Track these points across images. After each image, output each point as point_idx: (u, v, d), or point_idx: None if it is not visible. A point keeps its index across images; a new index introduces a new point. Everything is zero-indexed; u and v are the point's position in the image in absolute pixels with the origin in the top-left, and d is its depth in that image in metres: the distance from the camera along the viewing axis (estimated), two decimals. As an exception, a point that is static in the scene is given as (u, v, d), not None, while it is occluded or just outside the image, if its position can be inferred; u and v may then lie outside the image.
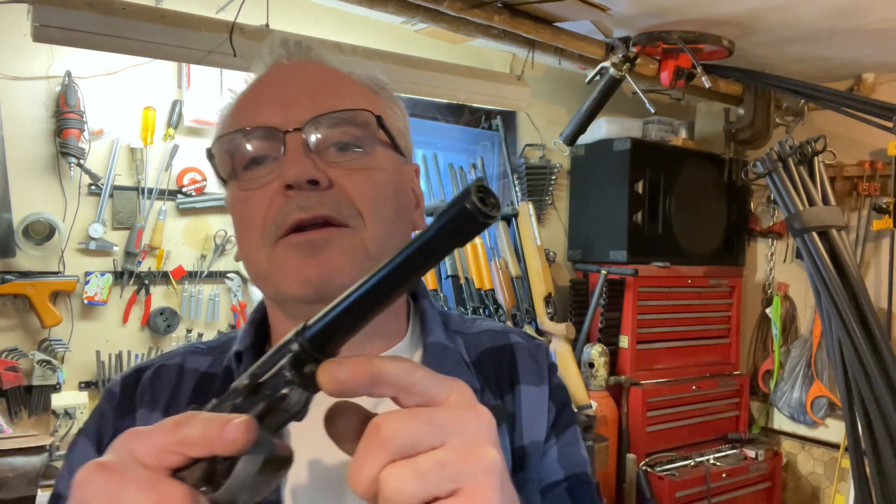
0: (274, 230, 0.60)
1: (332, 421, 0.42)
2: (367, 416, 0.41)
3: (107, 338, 2.16)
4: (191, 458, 0.40)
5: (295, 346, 0.41)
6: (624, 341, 3.01)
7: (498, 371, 0.71)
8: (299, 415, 0.42)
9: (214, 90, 2.27)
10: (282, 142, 0.60)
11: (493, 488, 0.39)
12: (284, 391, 0.40)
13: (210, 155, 0.65)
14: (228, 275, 2.35)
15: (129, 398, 0.68)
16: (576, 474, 0.70)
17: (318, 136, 0.61)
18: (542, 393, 0.72)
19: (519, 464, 0.68)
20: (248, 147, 0.62)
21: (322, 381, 0.39)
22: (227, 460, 0.40)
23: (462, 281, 2.71)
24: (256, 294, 2.39)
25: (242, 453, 0.39)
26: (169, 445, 0.40)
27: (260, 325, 0.71)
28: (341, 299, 0.40)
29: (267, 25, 2.10)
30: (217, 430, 0.39)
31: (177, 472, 0.40)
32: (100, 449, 0.66)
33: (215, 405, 0.43)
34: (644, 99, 2.66)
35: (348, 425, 0.41)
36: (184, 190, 2.26)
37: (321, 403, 0.42)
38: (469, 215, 0.37)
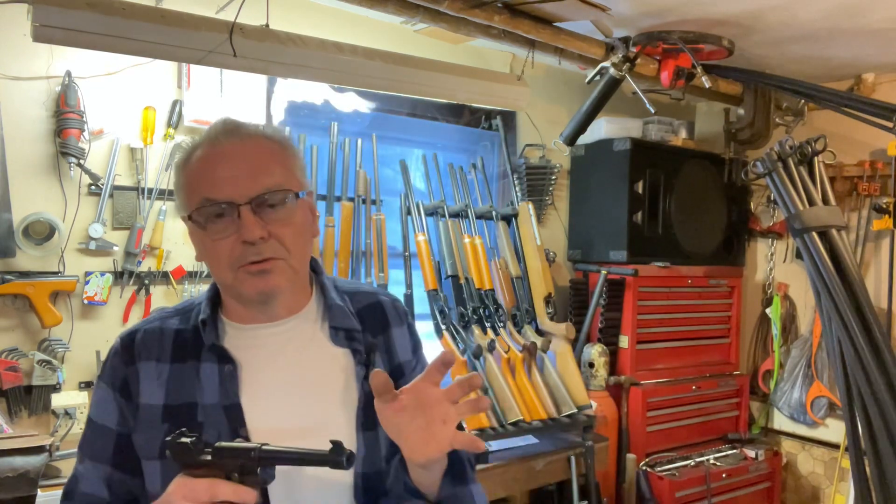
0: (236, 263, 0.97)
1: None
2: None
3: (107, 338, 2.15)
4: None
5: (254, 456, 0.86)
6: (624, 341, 3.01)
7: (373, 319, 1.11)
8: (265, 484, 0.90)
9: (214, 90, 2.27)
10: (237, 210, 0.95)
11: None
12: (265, 479, 0.89)
13: (190, 216, 0.99)
14: (228, 275, 2.35)
15: (129, 353, 1.04)
16: None
17: (259, 204, 0.97)
18: (404, 330, 1.14)
19: (398, 374, 1.08)
20: (215, 212, 0.97)
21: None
22: None
23: (462, 281, 2.70)
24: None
25: None
26: (213, 498, 0.85)
27: (214, 301, 1.07)
28: (267, 453, 0.87)
29: (267, 25, 2.10)
30: (241, 495, 0.85)
31: None
32: (114, 387, 1.03)
33: (215, 472, 0.87)
34: (644, 99, 2.66)
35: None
36: (184, 190, 2.26)
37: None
38: (334, 465, 0.85)
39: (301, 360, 1.05)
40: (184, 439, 0.88)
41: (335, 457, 0.85)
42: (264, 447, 0.87)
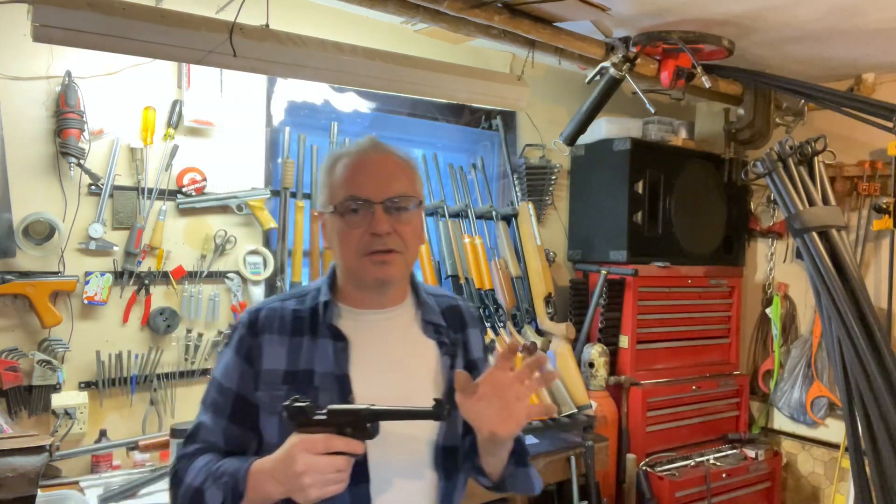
0: (363, 250, 1.18)
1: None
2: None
3: (107, 338, 2.16)
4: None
5: (365, 414, 1.05)
6: (624, 341, 3.01)
7: (453, 318, 1.33)
8: (371, 437, 1.06)
9: (214, 90, 2.27)
10: (373, 207, 1.17)
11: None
12: (373, 433, 1.06)
13: (335, 207, 1.20)
14: (228, 275, 2.35)
15: (255, 327, 1.22)
16: None
17: (389, 206, 1.19)
18: (478, 332, 1.38)
19: (472, 368, 1.30)
20: (354, 206, 1.18)
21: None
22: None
23: (462, 281, 2.70)
24: (257, 294, 2.39)
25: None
26: (329, 449, 1.04)
27: (332, 285, 1.27)
28: (377, 411, 1.06)
29: (267, 25, 2.10)
30: (352, 447, 1.04)
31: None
32: (240, 354, 1.21)
33: (328, 429, 1.05)
34: (644, 99, 2.66)
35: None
36: (184, 190, 2.26)
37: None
38: (437, 417, 1.06)
39: (400, 344, 1.26)
40: (299, 403, 1.06)
41: (438, 410, 1.04)
42: (373, 407, 1.05)
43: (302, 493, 1.03)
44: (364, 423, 1.04)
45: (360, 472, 1.11)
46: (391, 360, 1.23)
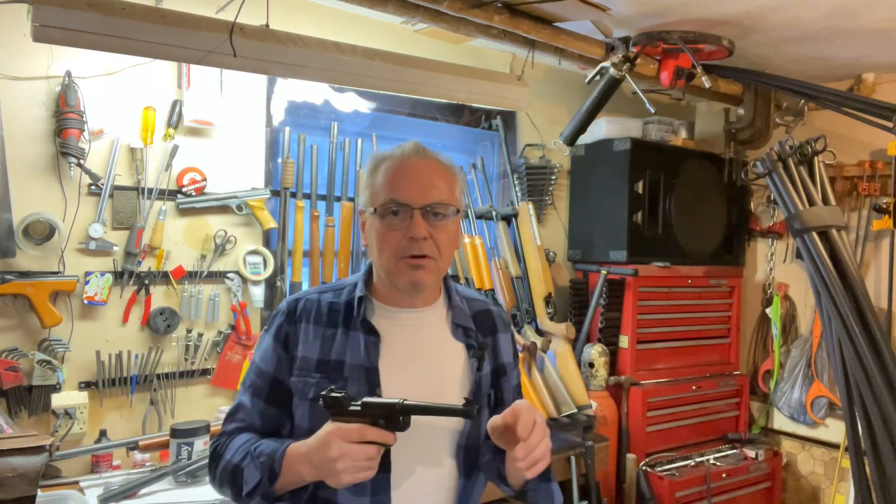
0: (400, 253, 1.22)
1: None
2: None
3: (107, 338, 2.16)
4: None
5: (398, 408, 1.09)
6: (624, 341, 3.01)
7: (484, 323, 1.37)
8: (403, 430, 1.11)
9: (214, 90, 2.27)
10: (412, 212, 1.22)
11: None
12: (401, 425, 1.10)
13: (375, 209, 1.25)
14: (228, 275, 2.35)
15: (293, 315, 1.29)
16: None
17: (428, 212, 1.23)
18: (508, 337, 1.42)
19: (501, 373, 1.37)
20: (394, 209, 1.23)
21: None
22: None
23: (462, 281, 2.70)
24: (256, 294, 2.39)
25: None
26: (362, 438, 1.08)
27: (367, 281, 1.32)
28: (408, 405, 1.10)
29: (267, 25, 2.10)
30: (384, 437, 1.10)
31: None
32: (278, 340, 1.27)
33: (362, 420, 1.11)
34: (644, 99, 2.66)
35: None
36: (184, 190, 2.26)
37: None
38: (467, 415, 1.11)
39: (429, 344, 1.30)
40: (335, 394, 1.12)
41: (468, 408, 1.09)
42: (405, 402, 1.10)
43: (335, 477, 1.08)
44: (397, 417, 1.09)
45: (381, 460, 1.16)
46: (419, 358, 1.28)
